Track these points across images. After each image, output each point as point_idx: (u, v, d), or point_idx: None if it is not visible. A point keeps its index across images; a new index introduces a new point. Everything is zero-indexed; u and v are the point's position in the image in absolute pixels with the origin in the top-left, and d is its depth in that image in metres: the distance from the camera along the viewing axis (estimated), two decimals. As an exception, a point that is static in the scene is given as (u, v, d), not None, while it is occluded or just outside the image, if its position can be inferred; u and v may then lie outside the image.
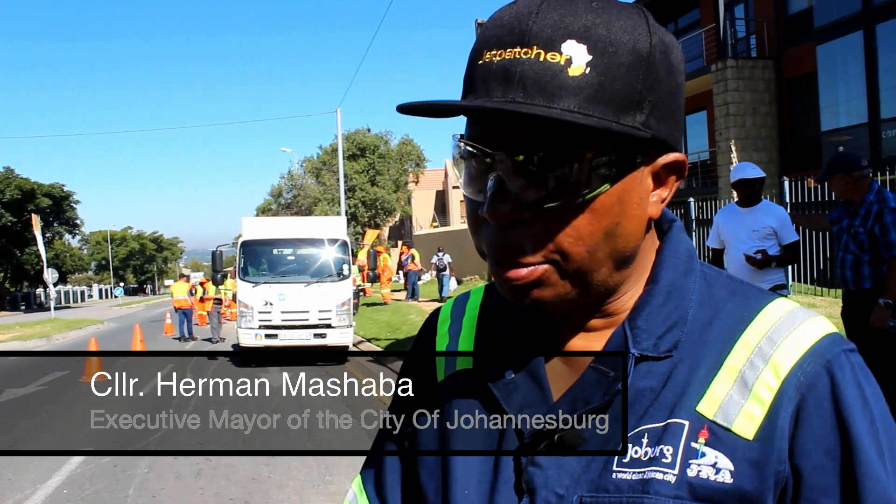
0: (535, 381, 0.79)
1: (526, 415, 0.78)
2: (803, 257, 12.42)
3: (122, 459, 7.02)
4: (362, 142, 45.01)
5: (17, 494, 6.05)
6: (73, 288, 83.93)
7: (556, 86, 0.67)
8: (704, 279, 0.81)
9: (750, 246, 5.55)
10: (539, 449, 0.76)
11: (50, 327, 26.28)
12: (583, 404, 0.75)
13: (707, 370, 0.74)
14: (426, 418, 0.87)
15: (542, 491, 0.75)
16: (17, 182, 50.02)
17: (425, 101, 0.70)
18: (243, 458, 6.93)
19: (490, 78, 0.70)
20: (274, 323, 13.62)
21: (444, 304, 0.98)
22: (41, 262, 35.59)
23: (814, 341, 0.73)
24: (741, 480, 0.70)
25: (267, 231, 14.84)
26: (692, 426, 0.72)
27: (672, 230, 0.83)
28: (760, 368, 0.73)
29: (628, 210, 0.72)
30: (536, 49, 0.68)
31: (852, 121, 16.53)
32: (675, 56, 0.74)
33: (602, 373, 0.76)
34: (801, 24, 18.35)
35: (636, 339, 0.76)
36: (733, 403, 0.72)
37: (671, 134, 0.74)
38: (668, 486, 0.71)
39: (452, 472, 0.82)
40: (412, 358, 0.97)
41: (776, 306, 0.77)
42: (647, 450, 0.73)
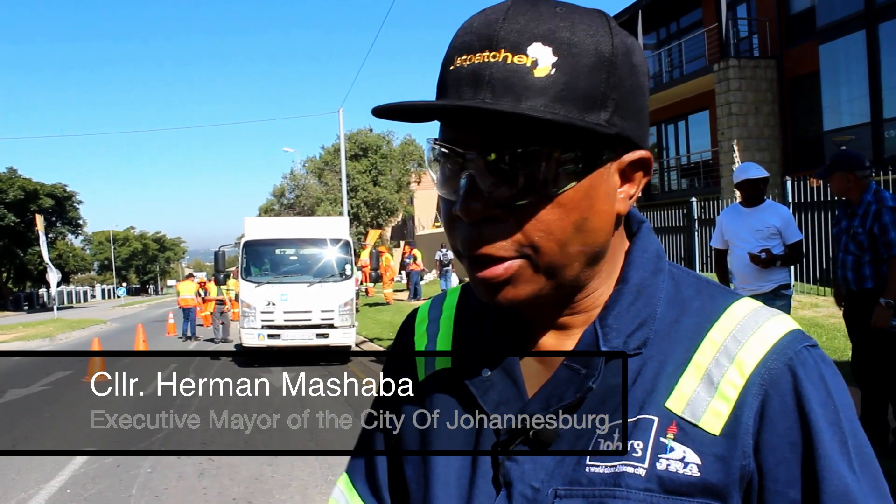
0: (510, 378, 0.82)
1: (502, 412, 0.81)
2: (806, 257, 12.41)
3: (125, 459, 7.03)
4: (364, 142, 45.02)
5: (20, 494, 6.06)
6: (76, 288, 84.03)
7: (523, 86, 0.70)
8: (672, 279, 0.84)
9: (754, 246, 5.54)
10: (515, 445, 0.79)
11: (53, 327, 26.31)
12: (556, 401, 0.78)
13: (675, 367, 0.77)
14: (409, 417, 0.90)
15: (519, 484, 0.78)
16: (20, 182, 50.09)
17: (398, 102, 0.72)
18: (246, 458, 6.94)
19: (461, 81, 0.73)
20: (276, 323, 13.63)
21: (422, 305, 1.00)
22: (44, 262, 35.63)
23: (776, 339, 0.76)
24: (708, 474, 0.73)
25: (269, 231, 14.84)
26: (661, 422, 0.75)
27: (641, 231, 0.86)
28: (726, 367, 0.76)
29: (596, 205, 0.75)
30: (504, 52, 0.71)
31: (855, 120, 16.51)
32: (637, 57, 0.77)
33: (574, 370, 0.79)
34: (803, 24, 18.33)
35: (607, 338, 0.79)
36: (700, 400, 0.75)
37: (636, 132, 0.77)
38: (639, 479, 0.74)
39: (433, 467, 0.85)
40: (393, 358, 1.00)
41: (741, 305, 0.80)
42: (618, 444, 0.76)
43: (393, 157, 45.70)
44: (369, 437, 1.01)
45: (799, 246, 5.67)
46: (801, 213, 12.91)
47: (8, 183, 49.13)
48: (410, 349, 0.96)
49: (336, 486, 1.05)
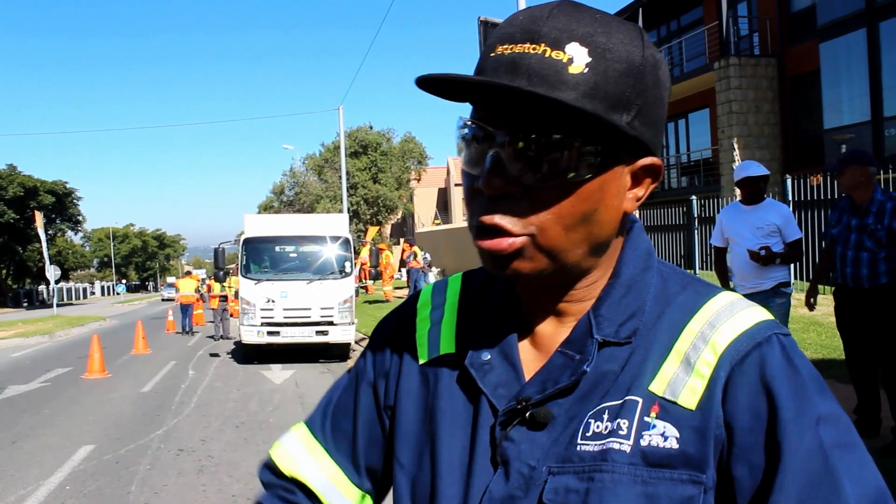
0: (509, 362, 0.88)
1: (500, 394, 0.87)
2: (806, 255, 12.41)
3: (124, 456, 7.04)
4: (364, 139, 45.02)
5: (19, 490, 6.07)
6: (76, 285, 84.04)
7: (558, 79, 0.76)
8: (660, 275, 0.90)
9: (754, 244, 5.55)
10: (512, 425, 0.84)
11: (52, 324, 26.32)
12: (552, 384, 0.84)
13: (658, 355, 0.84)
14: (410, 396, 0.96)
15: (516, 463, 0.83)
16: (19, 179, 50.10)
17: (442, 73, 0.77)
18: (245, 455, 6.94)
19: (500, 66, 0.78)
20: (276, 320, 13.64)
21: (424, 289, 1.06)
22: (43, 258, 35.63)
23: (749, 325, 0.83)
24: (686, 445, 0.79)
25: (269, 228, 14.85)
26: (645, 403, 0.81)
27: (633, 230, 0.92)
28: (701, 348, 0.82)
29: (606, 199, 0.81)
30: (544, 46, 0.77)
31: (855, 119, 16.51)
32: (663, 72, 0.83)
33: (569, 356, 0.85)
34: (804, 22, 18.32)
35: (600, 326, 0.85)
36: (679, 381, 0.82)
37: (652, 139, 0.83)
38: (624, 455, 0.80)
39: (439, 449, 0.90)
40: (387, 337, 1.03)
41: (720, 298, 0.87)
42: (607, 424, 0.81)
43: (393, 155, 45.69)
44: (346, 403, 1.04)
45: (798, 244, 5.67)
46: (801, 212, 12.91)
47: (8, 180, 49.13)
48: (411, 332, 1.00)
49: (289, 432, 1.08)
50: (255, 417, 8.73)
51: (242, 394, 10.41)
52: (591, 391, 0.83)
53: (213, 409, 9.34)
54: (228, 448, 7.21)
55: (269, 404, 9.57)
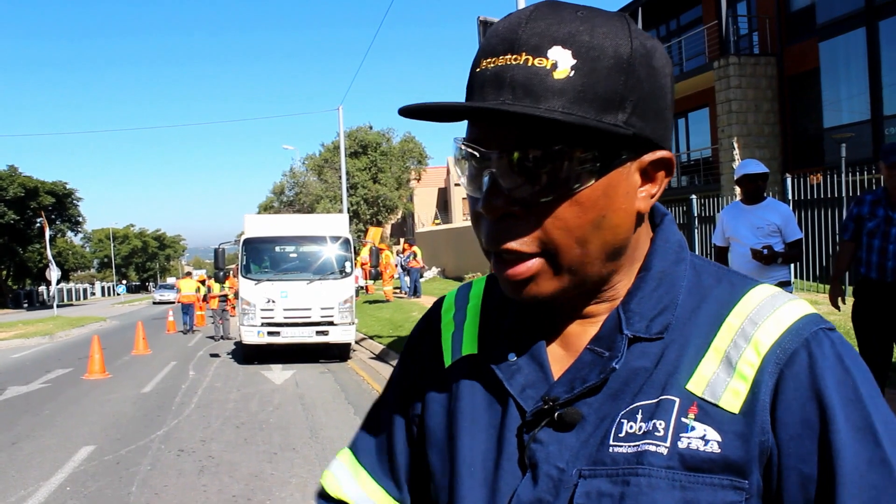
0: (536, 363, 0.85)
1: (528, 395, 0.84)
2: (805, 254, 12.41)
3: (124, 456, 7.04)
4: (364, 139, 44.99)
5: (20, 491, 6.07)
6: (76, 286, 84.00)
7: (543, 88, 0.73)
8: (693, 268, 0.87)
9: (755, 243, 5.55)
10: (540, 427, 0.81)
11: (53, 325, 26.32)
12: (580, 383, 0.81)
13: (695, 351, 0.80)
14: (435, 402, 0.94)
15: (545, 465, 0.80)
16: (20, 180, 50.08)
17: (423, 103, 0.75)
18: (246, 455, 6.94)
19: (485, 84, 0.76)
20: (276, 320, 13.65)
21: (448, 293, 1.04)
22: (44, 259, 35.62)
23: (793, 321, 0.78)
24: (728, 451, 0.75)
25: (269, 228, 14.85)
26: (682, 403, 0.77)
27: (664, 223, 0.89)
28: (743, 347, 0.78)
29: (615, 203, 0.78)
30: (525, 55, 0.74)
31: (855, 118, 16.50)
32: (658, 59, 0.79)
33: (598, 353, 0.82)
34: (803, 21, 18.32)
35: (629, 322, 0.82)
36: (720, 381, 0.77)
37: (657, 132, 0.79)
38: (661, 458, 0.76)
39: (459, 450, 0.87)
40: (415, 345, 1.02)
41: (758, 291, 0.82)
42: (642, 425, 0.78)
43: (393, 155, 45.66)
44: (384, 418, 1.02)
45: (799, 244, 5.67)
46: (801, 211, 12.91)
47: (8, 180, 49.11)
48: (437, 336, 0.99)
49: (336, 459, 1.06)
50: (255, 418, 8.72)
51: (243, 394, 10.41)
52: (623, 389, 0.80)
53: (214, 410, 9.33)
54: (229, 448, 7.21)
55: (270, 404, 9.56)
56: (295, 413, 8.90)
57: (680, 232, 0.89)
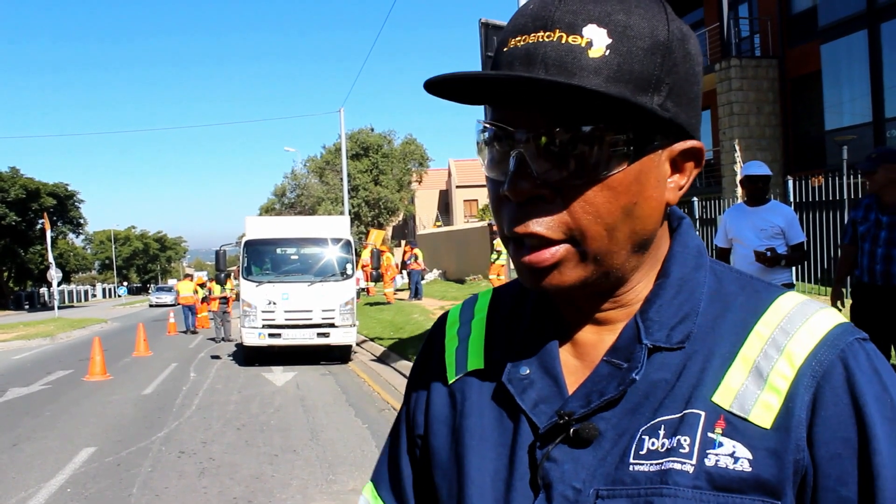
0: (550, 376, 0.81)
1: (541, 410, 0.79)
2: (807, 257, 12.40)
3: (125, 458, 7.03)
4: (366, 141, 45.04)
5: (20, 493, 6.07)
6: (77, 287, 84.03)
7: (577, 66, 0.69)
8: (714, 274, 0.82)
9: (758, 245, 5.55)
10: (554, 444, 0.77)
11: (54, 326, 26.32)
12: (597, 396, 0.76)
13: (721, 361, 0.75)
14: (438, 421, 0.89)
15: (559, 485, 0.75)
16: (21, 181, 50.10)
17: (450, 73, 0.71)
18: (246, 457, 6.93)
19: (514, 60, 0.72)
20: (277, 322, 13.65)
21: (453, 308, 0.99)
22: (45, 261, 35.65)
23: (827, 330, 0.74)
24: (760, 469, 0.70)
25: (270, 230, 14.86)
26: (708, 416, 0.73)
27: (682, 227, 0.85)
28: (775, 358, 0.73)
29: (646, 191, 0.74)
30: (559, 32, 0.70)
31: (856, 120, 16.49)
32: (692, 45, 0.76)
33: (615, 365, 0.77)
34: (805, 23, 18.31)
35: (648, 331, 0.77)
36: (749, 393, 0.73)
37: (688, 120, 0.76)
38: (687, 476, 0.71)
39: (467, 471, 0.82)
40: (421, 363, 0.98)
41: (787, 299, 0.78)
42: (664, 441, 0.73)
43: (394, 157, 45.70)
44: (395, 443, 0.98)
45: (802, 247, 5.67)
46: (803, 213, 12.89)
47: (10, 182, 49.13)
48: (441, 352, 0.94)
49: (362, 494, 1.02)
50: (256, 419, 8.72)
51: (243, 396, 10.39)
52: (642, 403, 0.75)
53: (215, 412, 9.33)
54: (230, 450, 7.20)
55: (271, 406, 9.55)
56: (296, 415, 8.89)
57: (698, 237, 0.85)
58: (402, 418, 0.98)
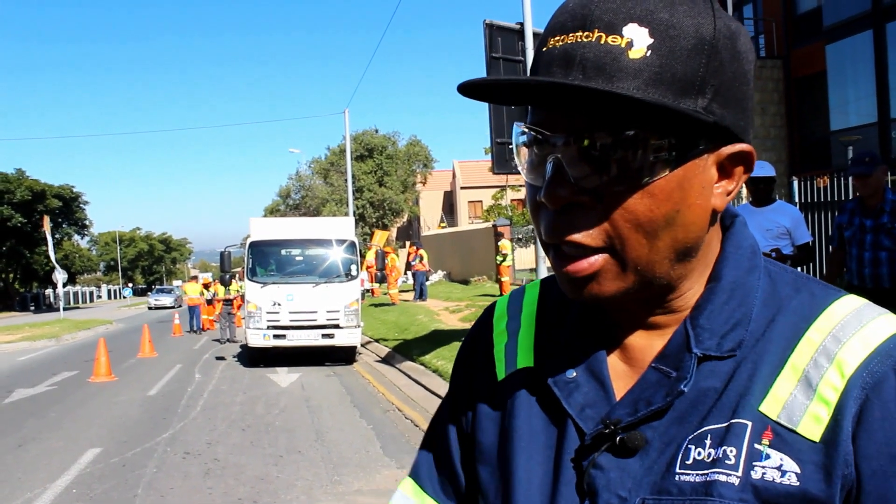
0: (597, 380, 0.79)
1: (587, 415, 0.77)
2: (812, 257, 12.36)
3: (130, 459, 7.04)
4: (370, 142, 45.08)
5: (26, 493, 6.08)
6: (82, 288, 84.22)
7: (616, 68, 0.67)
8: (769, 276, 0.79)
9: (763, 245, 5.53)
10: (601, 451, 0.75)
11: (59, 328, 26.38)
12: (644, 405, 0.74)
13: (770, 369, 0.72)
14: (487, 417, 0.87)
15: (605, 493, 0.74)
16: (27, 183, 50.30)
17: (483, 78, 0.70)
18: (251, 458, 6.94)
19: (552, 62, 0.70)
20: (282, 323, 13.65)
21: (500, 300, 0.96)
22: (51, 262, 35.77)
23: (882, 340, 0.70)
24: (808, 484, 0.68)
25: (275, 232, 14.88)
26: (755, 427, 0.70)
27: (735, 226, 0.81)
28: (825, 368, 0.70)
29: (689, 198, 0.71)
30: (598, 32, 0.68)
31: (862, 120, 16.45)
32: (742, 43, 0.72)
33: (664, 373, 0.75)
34: (810, 24, 18.28)
35: (699, 339, 0.75)
36: (797, 404, 0.70)
37: (737, 123, 0.73)
38: (732, 489, 0.69)
39: (514, 472, 0.81)
40: (467, 357, 0.96)
41: (843, 303, 0.75)
42: (710, 451, 0.71)
43: (398, 158, 45.74)
44: (440, 437, 0.96)
45: (808, 247, 5.65)
46: (808, 213, 12.85)
47: (16, 184, 49.33)
48: (488, 346, 0.92)
49: (397, 490, 0.99)
50: (261, 420, 8.72)
51: (248, 397, 10.39)
52: (690, 412, 0.73)
53: (220, 413, 9.33)
54: (235, 451, 7.21)
55: (276, 407, 9.55)
56: (301, 416, 8.89)
57: (752, 236, 0.82)
58: (447, 411, 0.96)
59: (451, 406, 0.95)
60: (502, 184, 38.77)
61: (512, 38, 9.11)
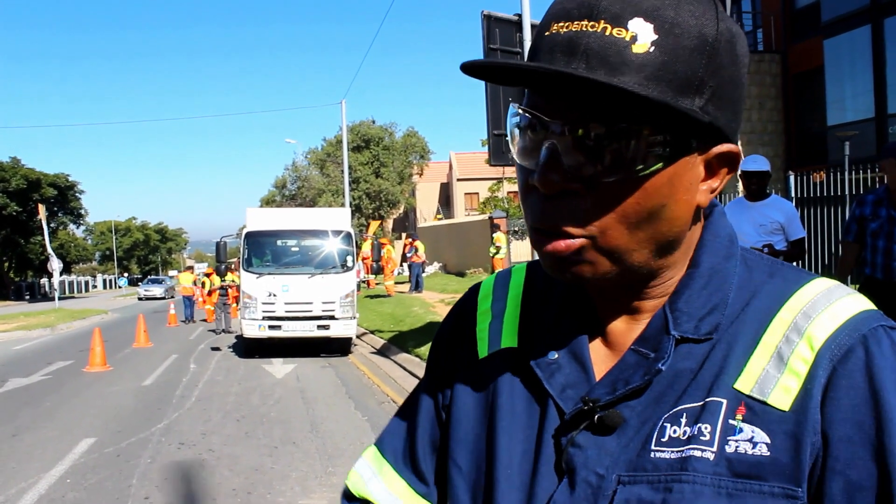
0: (578, 362, 0.81)
1: (568, 395, 0.79)
2: (809, 252, 12.39)
3: (125, 449, 7.05)
4: (367, 133, 45.03)
5: (20, 483, 6.08)
6: (78, 278, 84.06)
7: (620, 60, 0.68)
8: (745, 263, 0.82)
9: (757, 240, 5.54)
10: (579, 429, 0.78)
11: (54, 317, 26.36)
12: (623, 385, 0.77)
13: (744, 349, 0.75)
14: (466, 394, 0.89)
15: (583, 471, 0.76)
16: (22, 172, 50.11)
17: (488, 59, 0.71)
18: (246, 449, 6.94)
19: (555, 48, 0.70)
20: (277, 314, 13.66)
21: (485, 280, 0.98)
22: (46, 251, 35.72)
23: (850, 315, 0.73)
24: (778, 452, 0.70)
25: (271, 222, 14.86)
26: (730, 404, 0.73)
27: (713, 215, 0.84)
28: (795, 342, 0.73)
29: (677, 193, 0.73)
30: (604, 23, 0.68)
31: (859, 115, 16.47)
32: (741, 47, 0.74)
33: (643, 354, 0.77)
34: (808, 19, 18.27)
35: (677, 322, 0.77)
36: (769, 378, 0.73)
37: (728, 124, 0.74)
38: (707, 464, 0.71)
39: (497, 451, 0.83)
40: (448, 334, 0.97)
41: (814, 285, 0.78)
42: (686, 429, 0.73)
43: (395, 149, 45.69)
44: (413, 411, 0.98)
45: (802, 243, 5.65)
46: (805, 208, 12.89)
47: (11, 172, 49.14)
48: (472, 324, 0.94)
49: (361, 457, 1.02)
50: (256, 411, 8.72)
51: (243, 388, 10.40)
52: (666, 392, 0.76)
53: (215, 403, 9.34)
54: (229, 442, 7.21)
55: (271, 398, 9.55)
56: (296, 407, 8.91)
57: (730, 225, 0.84)
58: (423, 384, 0.98)
59: (428, 380, 0.97)
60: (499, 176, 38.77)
61: (510, 30, 9.09)
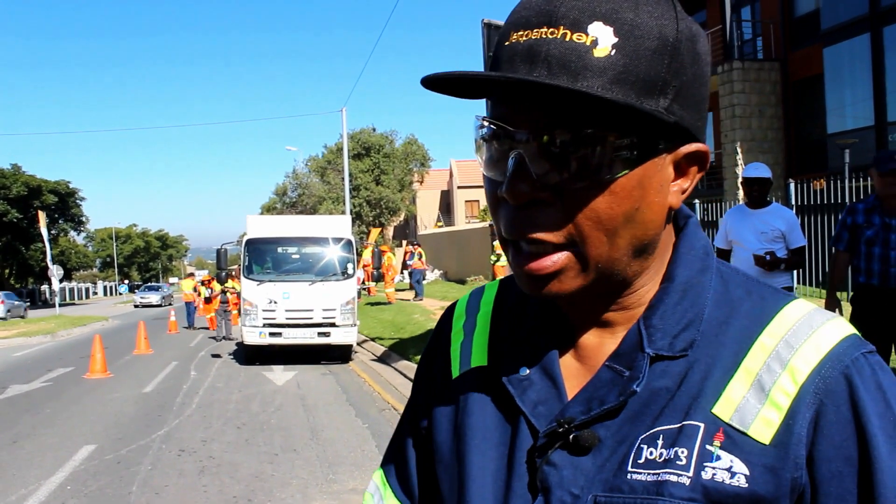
0: (549, 378, 0.79)
1: (540, 412, 0.78)
2: (808, 260, 12.40)
3: (125, 456, 7.04)
4: (367, 141, 45.06)
5: (20, 490, 6.07)
6: (78, 285, 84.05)
7: (581, 65, 0.67)
8: (721, 277, 0.80)
9: (758, 248, 5.54)
10: (554, 449, 0.76)
11: (55, 324, 26.35)
12: (598, 404, 0.75)
13: (723, 372, 0.74)
14: (442, 415, 0.88)
15: (557, 490, 0.75)
16: (23, 179, 50.14)
17: (448, 71, 0.69)
18: (247, 456, 6.94)
19: (516, 57, 0.70)
20: (278, 321, 13.66)
21: (460, 299, 0.98)
22: (46, 259, 35.73)
23: (832, 345, 0.72)
24: (756, 485, 0.69)
25: (272, 229, 14.88)
26: (707, 429, 0.72)
27: (688, 226, 0.83)
28: (778, 373, 0.72)
29: (648, 196, 0.72)
30: (563, 29, 0.68)
31: (859, 123, 16.49)
32: (702, 45, 0.74)
33: (617, 372, 0.76)
34: (808, 26, 18.31)
35: (651, 339, 0.76)
36: (750, 407, 0.72)
37: (694, 123, 0.74)
38: (683, 489, 0.70)
39: (468, 468, 0.82)
40: (428, 354, 0.98)
41: (793, 308, 0.76)
42: (662, 451, 0.72)
43: (395, 157, 45.73)
44: (402, 432, 0.98)
45: (802, 251, 5.65)
46: (804, 216, 12.89)
47: (11, 179, 49.16)
48: (447, 345, 0.93)
49: (371, 479, 1.03)
50: (256, 418, 8.72)
51: (244, 395, 10.39)
52: (643, 411, 0.74)
53: (215, 410, 9.33)
54: (230, 449, 7.21)
55: (271, 405, 9.55)
56: (296, 414, 8.90)
57: (706, 236, 0.83)
58: (408, 408, 0.98)
59: (412, 404, 0.97)
60: (499, 183, 38.67)
61: (510, 38, 9.11)
